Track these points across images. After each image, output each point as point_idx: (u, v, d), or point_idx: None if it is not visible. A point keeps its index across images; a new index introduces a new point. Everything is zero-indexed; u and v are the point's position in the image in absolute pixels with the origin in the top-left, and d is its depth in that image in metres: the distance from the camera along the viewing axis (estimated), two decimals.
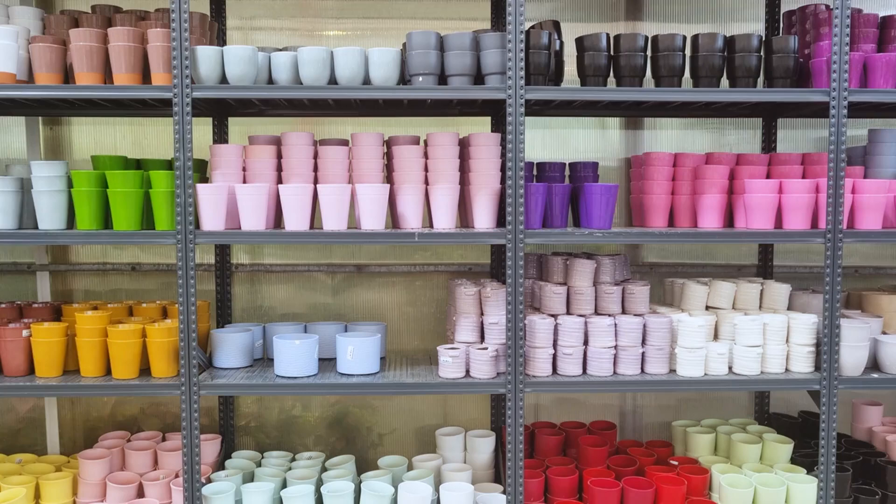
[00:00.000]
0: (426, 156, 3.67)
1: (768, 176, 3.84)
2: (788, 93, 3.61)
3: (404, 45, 3.59)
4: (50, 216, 3.54)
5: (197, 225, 3.46)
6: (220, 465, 4.00)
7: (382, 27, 4.41)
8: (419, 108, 4.06)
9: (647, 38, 3.69)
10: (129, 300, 4.24)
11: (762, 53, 3.72)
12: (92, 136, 4.39)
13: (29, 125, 4.28)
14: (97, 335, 3.57)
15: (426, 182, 3.66)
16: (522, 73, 3.38)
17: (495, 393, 3.65)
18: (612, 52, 3.71)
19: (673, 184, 3.84)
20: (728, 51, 3.69)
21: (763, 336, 3.67)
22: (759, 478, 3.67)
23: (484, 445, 4.00)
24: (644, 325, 3.65)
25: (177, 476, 3.76)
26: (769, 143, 4.37)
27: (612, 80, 3.74)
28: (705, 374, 3.64)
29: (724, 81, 3.75)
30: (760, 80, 3.78)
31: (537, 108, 4.04)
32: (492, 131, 4.16)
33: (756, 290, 3.91)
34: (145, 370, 3.65)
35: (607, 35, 3.69)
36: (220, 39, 4.18)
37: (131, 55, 3.44)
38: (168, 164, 3.92)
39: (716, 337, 3.78)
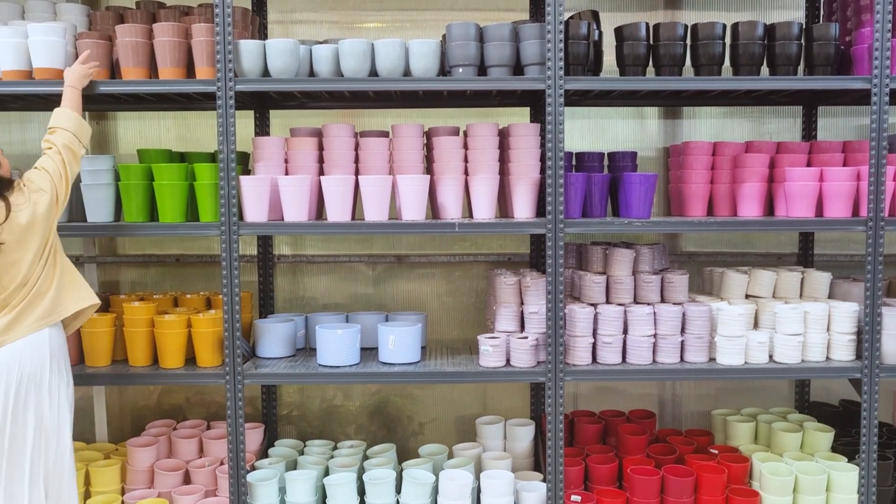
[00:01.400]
0: (466, 146, 3.70)
1: (809, 164, 3.82)
2: (829, 80, 3.60)
3: (444, 36, 3.61)
4: (98, 209, 3.62)
5: (240, 216, 3.52)
6: (263, 454, 4.06)
7: (421, 19, 4.43)
8: (458, 100, 4.09)
9: (686, 26, 3.69)
10: (174, 291, 4.32)
11: (803, 41, 3.70)
12: (137, 130, 4.46)
13: None
14: (144, 325, 3.65)
15: (466, 173, 3.69)
16: (562, 63, 3.40)
17: (535, 381, 3.67)
18: (651, 42, 3.71)
19: (712, 172, 3.83)
20: (768, 39, 3.67)
21: (804, 324, 3.66)
22: (800, 466, 3.66)
23: (524, 434, 4.02)
24: (683, 314, 3.66)
25: (222, 463, 3.83)
26: (809, 131, 4.34)
27: (650, 69, 3.74)
28: (745, 363, 3.64)
29: (765, 70, 3.73)
30: (801, 67, 3.76)
31: (576, 99, 4.05)
32: (530, 122, 4.17)
33: (796, 278, 3.89)
34: (191, 359, 3.72)
35: (647, 24, 3.69)
36: (262, 33, 4.23)
37: (176, 50, 3.50)
38: (211, 157, 3.98)
39: (756, 325, 3.77)
